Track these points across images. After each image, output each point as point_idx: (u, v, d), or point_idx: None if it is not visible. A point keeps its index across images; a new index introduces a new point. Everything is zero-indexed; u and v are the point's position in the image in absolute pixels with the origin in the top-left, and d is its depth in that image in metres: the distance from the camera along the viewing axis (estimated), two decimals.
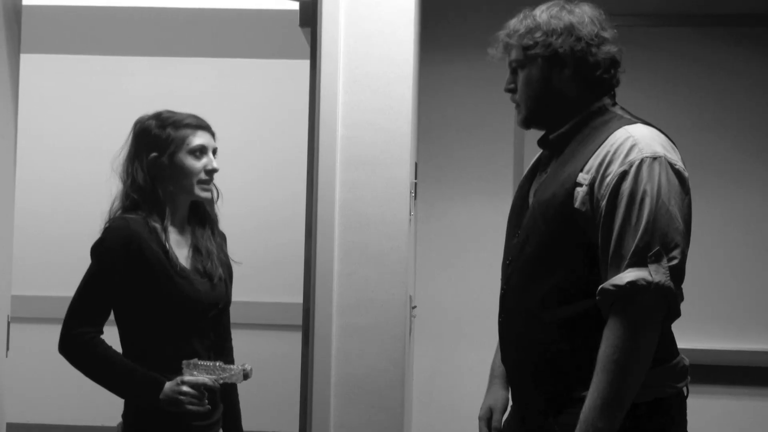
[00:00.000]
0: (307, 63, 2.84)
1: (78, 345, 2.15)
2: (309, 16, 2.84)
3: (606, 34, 1.85)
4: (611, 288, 1.69)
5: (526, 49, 1.86)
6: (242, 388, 2.41)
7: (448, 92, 3.53)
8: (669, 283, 1.68)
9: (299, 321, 2.81)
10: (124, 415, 2.24)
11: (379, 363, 2.70)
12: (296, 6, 2.98)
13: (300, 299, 2.79)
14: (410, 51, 2.75)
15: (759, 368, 3.40)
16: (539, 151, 2.01)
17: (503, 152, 3.49)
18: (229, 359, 2.37)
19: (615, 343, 1.68)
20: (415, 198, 2.99)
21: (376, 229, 2.72)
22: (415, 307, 3.15)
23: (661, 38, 3.44)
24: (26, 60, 2.81)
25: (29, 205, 4.11)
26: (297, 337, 2.89)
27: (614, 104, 1.90)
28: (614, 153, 1.74)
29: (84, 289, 2.17)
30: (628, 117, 1.86)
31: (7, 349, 2.56)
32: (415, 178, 3.02)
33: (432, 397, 3.50)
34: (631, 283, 1.67)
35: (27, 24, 2.75)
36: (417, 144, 3.20)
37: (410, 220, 2.80)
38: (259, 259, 4.29)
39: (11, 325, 2.58)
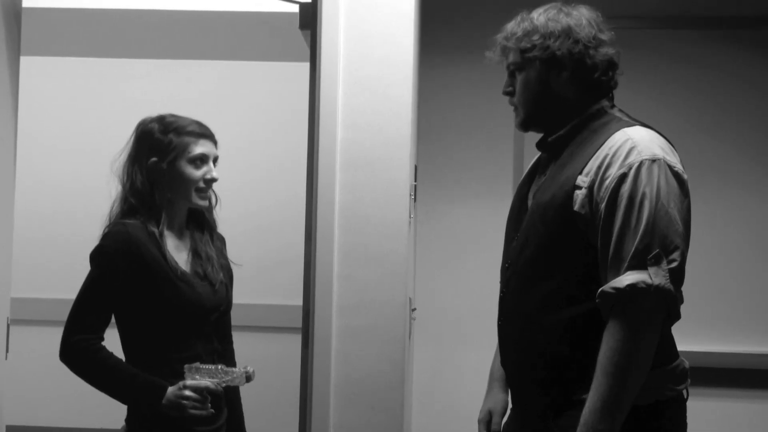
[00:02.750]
0: (306, 65, 2.84)
1: (78, 352, 2.14)
2: (309, 18, 2.84)
3: (603, 36, 1.85)
4: (611, 291, 1.69)
5: (523, 52, 1.86)
6: (242, 391, 2.41)
7: (448, 94, 3.53)
8: (669, 285, 1.68)
9: (299, 323, 2.81)
10: (127, 420, 2.23)
11: (379, 365, 2.70)
12: (296, 8, 2.99)
13: (300, 301, 2.79)
14: (410, 53, 2.75)
15: (759, 371, 3.40)
16: (539, 154, 2.01)
17: (503, 154, 3.49)
18: (231, 362, 2.37)
19: (615, 346, 1.68)
20: (415, 200, 3.00)
21: (375, 231, 2.73)
22: (414, 309, 3.15)
23: (660, 40, 3.44)
24: (26, 62, 2.81)
25: (29, 207, 4.11)
26: (297, 339, 2.88)
27: (612, 106, 1.90)
28: (613, 156, 1.74)
29: (84, 296, 2.16)
30: (627, 119, 1.86)
31: (7, 351, 2.56)
32: (415, 180, 3.02)
33: (432, 399, 3.50)
34: (631, 286, 1.67)
35: (27, 26, 2.75)
36: (417, 146, 3.20)
37: (410, 221, 2.80)
38: (259, 261, 4.29)
39: (11, 327, 2.58)
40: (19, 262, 2.82)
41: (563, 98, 1.86)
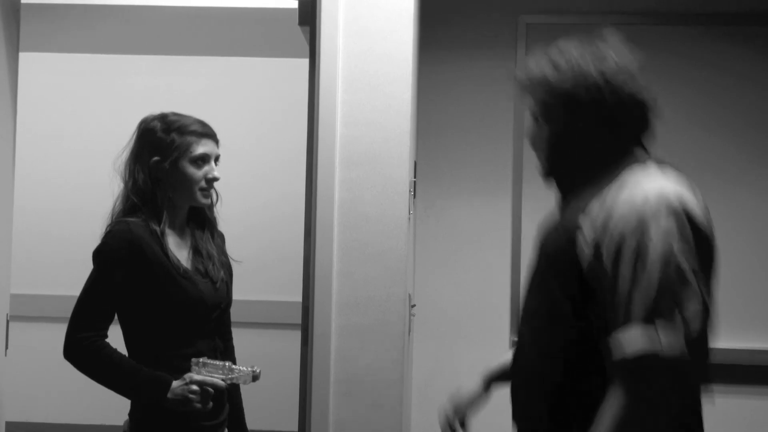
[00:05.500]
0: (306, 62, 2.83)
1: (82, 350, 2.15)
2: (308, 14, 2.83)
3: (630, 77, 1.73)
4: (617, 360, 1.54)
5: (545, 100, 1.74)
6: (242, 386, 2.41)
7: (447, 91, 3.53)
8: (681, 350, 1.50)
9: (298, 319, 2.81)
10: (130, 414, 2.24)
11: (379, 362, 2.70)
12: (295, 4, 2.98)
13: (299, 298, 2.79)
14: (410, 50, 2.75)
15: (758, 367, 3.40)
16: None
17: (502, 151, 3.49)
18: (231, 359, 2.38)
19: (617, 413, 1.53)
20: (414, 197, 2.99)
21: (375, 228, 2.72)
22: (414, 305, 3.15)
23: (659, 36, 3.43)
24: (25, 58, 2.81)
25: (29, 203, 4.11)
26: (296, 336, 2.89)
27: (641, 148, 1.75)
28: (623, 206, 1.60)
29: (87, 294, 2.17)
30: (650, 165, 1.71)
31: (6, 347, 2.57)
32: (414, 177, 3.02)
33: (431, 396, 3.49)
34: (638, 359, 1.51)
35: (26, 22, 2.75)
36: (416, 143, 3.20)
37: (409, 218, 2.80)
38: (259, 258, 4.29)
39: (10, 323, 2.58)
40: (18, 258, 2.82)
41: (587, 145, 1.73)
